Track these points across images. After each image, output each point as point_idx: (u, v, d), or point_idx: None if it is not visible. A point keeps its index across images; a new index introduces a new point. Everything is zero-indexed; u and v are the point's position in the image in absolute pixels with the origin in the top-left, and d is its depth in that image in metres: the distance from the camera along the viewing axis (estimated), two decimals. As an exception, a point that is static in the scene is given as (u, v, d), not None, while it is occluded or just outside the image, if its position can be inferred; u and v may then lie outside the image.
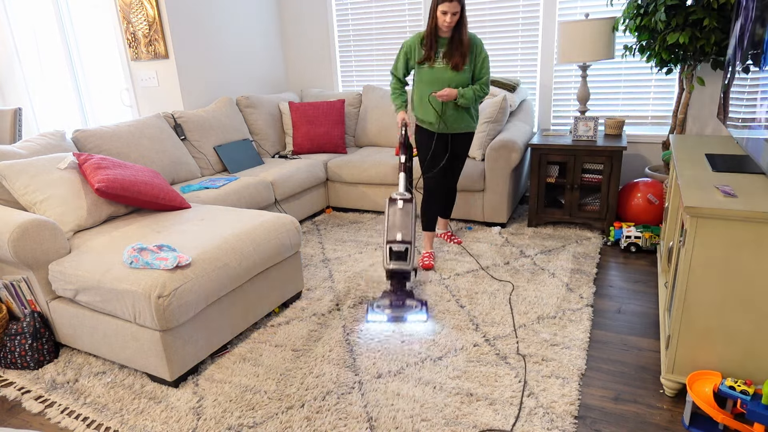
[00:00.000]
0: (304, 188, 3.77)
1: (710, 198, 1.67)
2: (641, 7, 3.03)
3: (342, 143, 4.18)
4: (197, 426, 1.85)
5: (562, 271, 2.84)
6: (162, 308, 1.90)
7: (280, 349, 2.29)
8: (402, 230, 2.47)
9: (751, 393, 1.59)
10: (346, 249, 3.34)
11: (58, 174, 2.48)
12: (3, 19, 4.62)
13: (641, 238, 3.05)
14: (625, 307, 2.50)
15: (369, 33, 4.44)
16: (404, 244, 2.43)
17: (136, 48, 3.84)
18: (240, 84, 4.37)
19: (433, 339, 2.28)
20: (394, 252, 2.42)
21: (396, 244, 2.43)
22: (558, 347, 2.18)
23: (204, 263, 2.09)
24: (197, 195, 3.10)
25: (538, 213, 3.49)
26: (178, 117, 3.58)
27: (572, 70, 3.81)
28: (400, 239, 2.44)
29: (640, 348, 2.17)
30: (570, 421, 1.77)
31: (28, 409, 2.01)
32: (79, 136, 2.97)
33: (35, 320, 2.26)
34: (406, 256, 2.42)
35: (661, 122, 3.67)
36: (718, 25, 2.78)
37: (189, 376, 2.13)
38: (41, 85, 4.77)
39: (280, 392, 2.00)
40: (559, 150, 3.29)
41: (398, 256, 2.42)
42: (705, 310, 1.70)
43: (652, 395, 1.89)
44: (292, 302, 2.70)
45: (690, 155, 2.25)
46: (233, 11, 4.21)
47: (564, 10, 3.70)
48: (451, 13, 2.59)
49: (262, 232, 2.40)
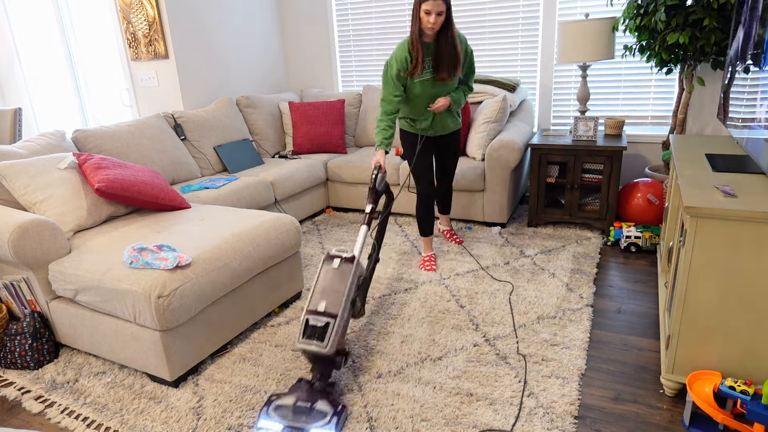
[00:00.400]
0: (304, 188, 3.77)
1: (710, 198, 1.67)
2: (641, 7, 3.03)
3: (342, 143, 4.18)
4: (197, 426, 1.85)
5: (562, 271, 2.84)
6: (162, 308, 1.90)
7: (280, 349, 2.29)
8: (327, 298, 1.91)
9: (751, 393, 1.59)
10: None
11: (58, 174, 2.48)
12: (3, 19, 4.62)
13: (641, 238, 3.04)
14: (625, 307, 2.50)
15: (369, 33, 4.44)
16: (325, 318, 1.87)
17: (136, 48, 3.84)
18: (240, 84, 4.37)
19: (432, 339, 2.28)
20: (309, 326, 1.87)
21: (314, 316, 1.88)
22: (558, 347, 2.18)
23: (204, 263, 2.09)
24: (197, 195, 3.10)
25: (538, 213, 3.49)
26: (178, 117, 3.58)
27: (572, 70, 3.81)
28: (322, 310, 1.89)
29: (640, 348, 2.17)
30: (570, 421, 1.77)
31: (28, 409, 2.01)
32: (79, 136, 2.97)
33: (35, 320, 2.26)
34: (324, 334, 1.84)
35: (661, 122, 3.67)
36: (718, 25, 2.78)
37: (189, 376, 2.13)
38: (41, 85, 4.77)
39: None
40: (559, 150, 3.29)
41: (313, 332, 1.85)
42: (705, 310, 1.70)
43: (652, 395, 1.89)
44: (292, 302, 2.70)
45: (690, 155, 2.25)
46: (233, 11, 4.21)
47: (564, 10, 3.70)
48: (435, 13, 2.39)
49: (262, 232, 2.40)
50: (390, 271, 2.97)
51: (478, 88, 3.78)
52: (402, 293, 2.71)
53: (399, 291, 2.74)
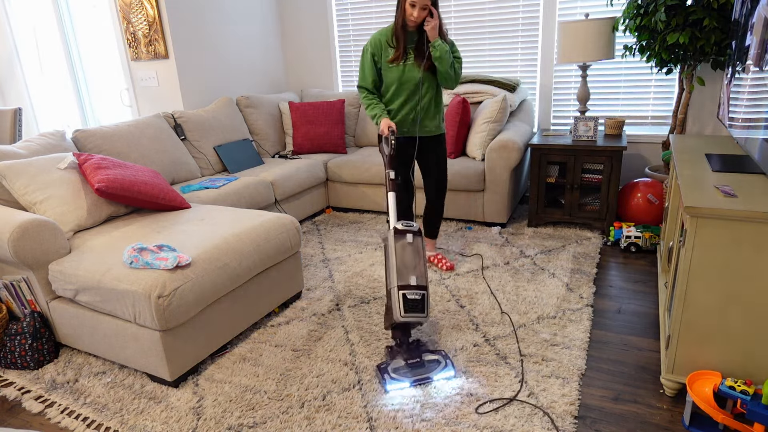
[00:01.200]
0: (304, 188, 3.77)
1: (710, 198, 1.67)
2: (641, 7, 3.03)
3: (342, 143, 4.18)
4: (197, 426, 1.85)
5: (562, 271, 2.84)
6: (162, 308, 1.90)
7: (280, 349, 2.29)
8: (416, 272, 2.05)
9: (751, 393, 1.59)
10: (346, 249, 3.34)
11: (58, 174, 2.48)
12: (3, 19, 4.62)
13: (641, 238, 3.04)
14: (625, 307, 2.50)
15: (369, 33, 4.44)
16: (420, 291, 2.02)
17: (136, 48, 3.84)
18: (240, 84, 4.37)
19: (433, 339, 2.28)
20: (408, 300, 1.99)
21: (411, 291, 2.01)
22: (558, 347, 2.18)
23: (204, 263, 2.09)
24: (197, 195, 3.10)
25: (538, 213, 3.49)
26: (178, 117, 3.58)
27: (572, 70, 3.81)
28: (415, 284, 2.02)
29: (640, 348, 2.17)
30: (570, 421, 1.77)
31: (28, 409, 2.01)
32: (79, 136, 2.97)
33: (35, 320, 2.26)
34: (424, 304, 2.01)
35: (661, 122, 3.67)
36: (718, 25, 2.78)
37: (189, 376, 2.13)
38: (41, 85, 4.77)
39: (280, 392, 2.00)
40: (559, 150, 3.29)
41: (414, 305, 2.00)
42: (705, 310, 1.70)
43: (652, 395, 1.89)
44: (292, 302, 2.70)
45: (690, 155, 2.25)
46: (233, 11, 4.21)
47: (564, 10, 3.70)
48: (420, 6, 2.37)
49: (262, 232, 2.40)
50: (390, 271, 2.97)
51: (478, 88, 3.78)
52: (402, 293, 2.71)
53: (399, 291, 2.73)
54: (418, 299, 2.00)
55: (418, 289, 2.01)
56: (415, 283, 2.02)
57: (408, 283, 2.02)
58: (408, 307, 1.98)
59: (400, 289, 2.00)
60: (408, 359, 2.02)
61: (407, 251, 2.08)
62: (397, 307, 1.99)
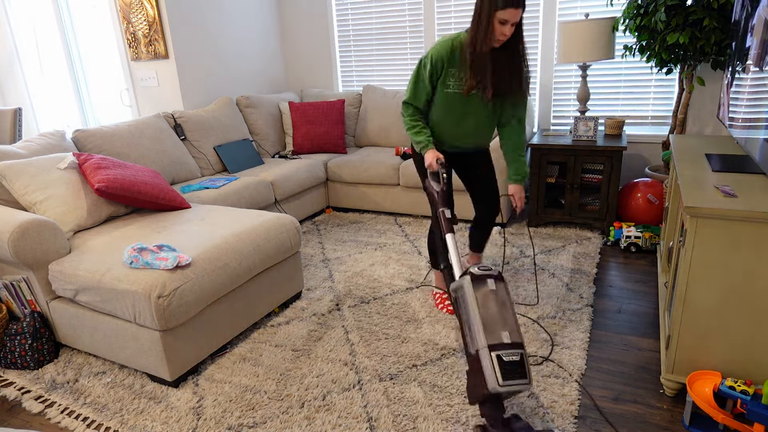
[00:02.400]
0: (304, 188, 3.77)
1: (710, 198, 1.67)
2: (641, 7, 3.03)
3: (342, 143, 4.18)
4: (197, 426, 1.85)
5: (562, 271, 2.84)
6: (162, 308, 1.90)
7: (280, 349, 2.29)
8: (507, 327, 1.62)
9: (751, 393, 1.59)
10: (346, 249, 3.34)
11: (58, 174, 2.48)
12: (3, 19, 4.62)
13: (641, 238, 3.04)
14: (625, 307, 2.50)
15: (369, 33, 4.44)
16: (517, 350, 1.58)
17: (136, 48, 3.84)
18: (240, 84, 4.37)
19: (433, 339, 2.28)
20: (505, 363, 1.55)
21: (506, 351, 1.57)
22: (558, 347, 2.18)
23: (204, 263, 2.09)
24: (197, 195, 3.10)
25: (538, 213, 3.49)
26: (178, 117, 3.58)
27: (572, 70, 3.81)
28: (509, 341, 1.59)
29: (640, 348, 2.17)
30: (570, 421, 1.77)
31: (28, 409, 2.01)
32: (79, 136, 2.97)
33: (35, 320, 2.26)
34: (524, 367, 1.56)
35: (661, 122, 3.67)
36: (718, 25, 2.78)
37: (189, 376, 2.13)
38: (41, 85, 4.77)
39: (280, 392, 2.00)
40: (559, 150, 3.29)
41: (512, 369, 1.54)
42: (705, 310, 1.70)
43: (652, 395, 1.89)
44: (292, 302, 2.70)
45: (690, 155, 2.25)
46: (233, 11, 4.21)
47: (564, 10, 3.70)
48: (512, 23, 1.94)
49: (262, 232, 2.40)
50: (390, 271, 2.97)
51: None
52: (402, 293, 2.71)
53: (399, 291, 2.74)
54: (517, 360, 1.56)
55: (515, 348, 1.58)
56: (509, 340, 1.59)
57: (501, 341, 1.58)
58: (506, 372, 1.54)
59: (492, 350, 1.56)
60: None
61: (491, 301, 1.66)
62: (491, 373, 1.54)
